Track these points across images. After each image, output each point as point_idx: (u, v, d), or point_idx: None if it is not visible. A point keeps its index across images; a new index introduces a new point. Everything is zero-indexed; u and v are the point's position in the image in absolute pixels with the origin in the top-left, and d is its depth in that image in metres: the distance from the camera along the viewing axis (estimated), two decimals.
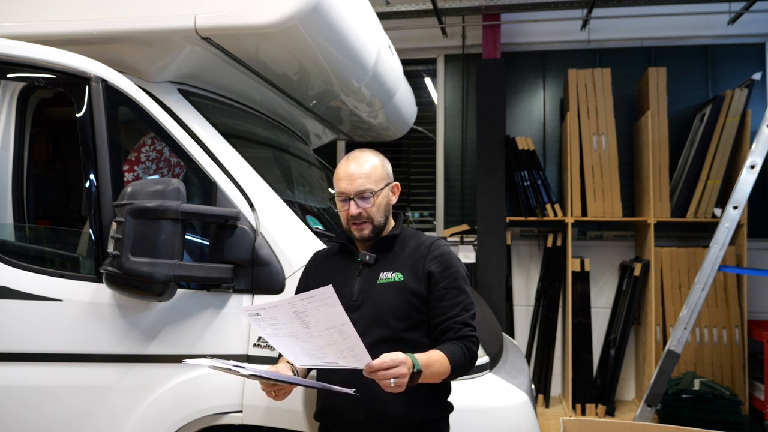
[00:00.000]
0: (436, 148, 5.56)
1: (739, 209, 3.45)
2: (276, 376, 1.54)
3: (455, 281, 1.74)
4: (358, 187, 1.73)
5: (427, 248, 1.78)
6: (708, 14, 4.94)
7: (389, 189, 1.82)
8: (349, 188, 1.74)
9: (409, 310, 1.70)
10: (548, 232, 5.12)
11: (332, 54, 2.37)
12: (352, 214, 1.75)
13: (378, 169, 1.78)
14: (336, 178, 1.80)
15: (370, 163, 1.78)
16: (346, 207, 1.76)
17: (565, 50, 5.35)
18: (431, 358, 1.58)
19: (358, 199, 1.74)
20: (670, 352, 3.51)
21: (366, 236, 1.77)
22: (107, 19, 2.14)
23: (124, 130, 2.30)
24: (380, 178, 1.78)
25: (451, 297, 1.72)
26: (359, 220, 1.75)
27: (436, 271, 1.73)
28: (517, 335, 5.20)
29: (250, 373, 1.48)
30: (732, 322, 4.58)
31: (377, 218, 1.76)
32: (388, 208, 1.82)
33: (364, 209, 1.74)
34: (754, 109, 4.66)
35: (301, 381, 1.60)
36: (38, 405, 1.99)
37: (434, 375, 1.59)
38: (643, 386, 4.71)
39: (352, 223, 1.76)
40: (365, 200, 1.74)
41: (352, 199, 1.74)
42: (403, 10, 5.11)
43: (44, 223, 3.04)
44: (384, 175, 1.80)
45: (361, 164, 1.76)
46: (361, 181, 1.74)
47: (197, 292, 2.04)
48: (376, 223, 1.77)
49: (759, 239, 4.90)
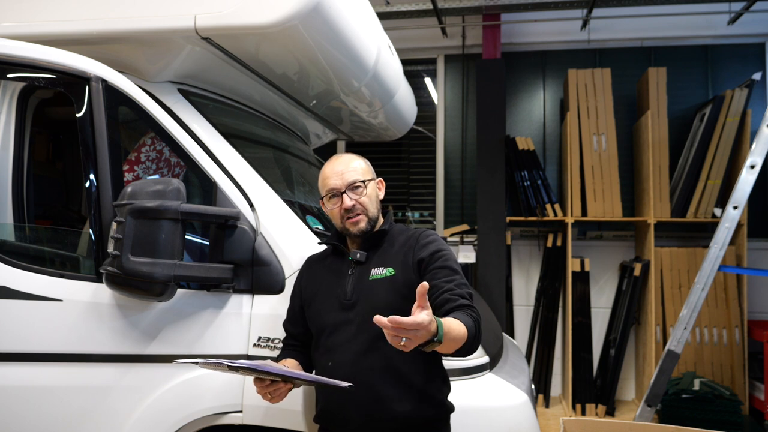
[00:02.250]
0: (436, 148, 5.56)
1: (739, 209, 3.45)
2: (266, 368, 1.51)
3: (446, 262, 1.73)
4: (348, 179, 1.78)
5: (415, 239, 1.80)
6: (708, 14, 4.94)
7: (375, 183, 1.88)
8: (339, 182, 1.78)
9: (403, 304, 1.69)
10: (548, 232, 5.12)
11: (332, 54, 2.37)
12: (346, 207, 1.77)
13: (362, 164, 1.86)
14: (323, 179, 1.83)
15: (354, 160, 1.85)
16: (338, 203, 1.78)
17: (565, 50, 5.35)
18: (451, 327, 1.46)
19: (350, 191, 1.78)
20: (670, 352, 3.51)
21: (363, 229, 1.78)
22: (107, 19, 2.14)
23: (124, 130, 2.30)
24: (366, 171, 1.85)
25: (444, 276, 1.69)
26: (353, 212, 1.77)
27: (426, 256, 1.73)
28: (517, 335, 5.20)
29: (238, 365, 1.45)
30: (732, 322, 4.58)
31: (371, 209, 1.80)
32: (378, 202, 1.86)
33: (357, 201, 1.77)
34: (754, 109, 4.66)
35: (293, 373, 1.56)
36: (38, 405, 1.99)
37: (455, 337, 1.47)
38: (643, 386, 4.72)
39: (347, 218, 1.78)
40: (357, 190, 1.78)
41: (344, 193, 1.77)
42: (403, 10, 5.11)
43: (44, 223, 3.04)
44: (368, 170, 1.87)
45: (346, 162, 1.84)
46: (349, 175, 1.79)
47: (197, 292, 2.04)
48: (370, 214, 1.79)
49: (759, 239, 4.90)
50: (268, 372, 1.52)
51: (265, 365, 1.56)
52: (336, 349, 1.73)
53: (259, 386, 1.64)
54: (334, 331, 1.75)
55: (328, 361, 1.73)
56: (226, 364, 1.46)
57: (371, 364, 1.68)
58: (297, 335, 1.88)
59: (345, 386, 1.46)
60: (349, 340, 1.72)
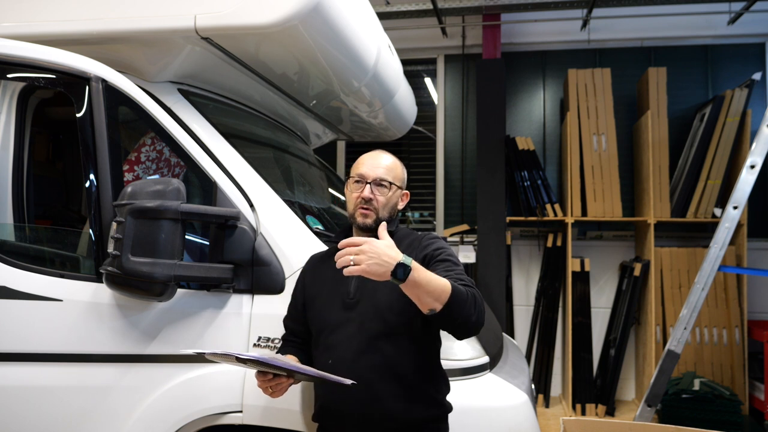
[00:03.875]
0: (436, 148, 5.56)
1: (739, 209, 3.45)
2: (274, 362, 1.52)
3: (448, 257, 1.75)
4: (378, 174, 1.80)
5: (419, 241, 1.83)
6: (708, 14, 4.94)
7: (401, 193, 1.88)
8: (370, 173, 1.81)
9: (405, 305, 1.69)
10: (548, 232, 5.12)
11: (332, 54, 2.37)
12: (364, 197, 1.78)
13: (399, 170, 1.87)
14: (358, 162, 1.85)
15: (395, 162, 1.87)
16: (360, 189, 1.80)
17: (565, 50, 5.35)
18: (428, 275, 1.49)
19: (375, 185, 1.80)
20: (670, 352, 3.51)
21: (368, 224, 1.79)
22: (107, 19, 2.14)
23: (124, 130, 2.30)
24: (398, 178, 1.86)
25: (444, 268, 1.70)
26: (368, 206, 1.78)
27: (428, 252, 1.76)
28: (517, 335, 5.20)
29: (246, 357, 1.47)
30: (732, 322, 4.58)
31: (382, 213, 1.80)
32: (394, 210, 1.86)
33: (376, 198, 1.79)
34: (754, 109, 4.66)
35: (300, 368, 1.57)
36: (38, 405, 1.99)
37: (429, 283, 1.48)
38: (643, 386, 4.72)
39: (360, 207, 1.79)
40: (380, 188, 1.80)
41: (369, 183, 1.79)
42: (403, 10, 5.11)
43: (44, 223, 3.04)
44: (402, 178, 1.89)
45: (386, 160, 1.85)
46: (383, 171, 1.82)
47: (197, 292, 2.04)
48: (381, 215, 1.80)
49: (759, 239, 4.90)
50: (275, 365, 1.53)
51: (274, 359, 1.57)
52: (336, 347, 1.73)
53: (260, 380, 1.64)
54: (335, 329, 1.75)
55: (328, 359, 1.73)
56: (235, 355, 1.47)
57: (370, 363, 1.68)
58: (297, 332, 1.89)
59: (348, 383, 1.47)
60: (350, 338, 1.72)
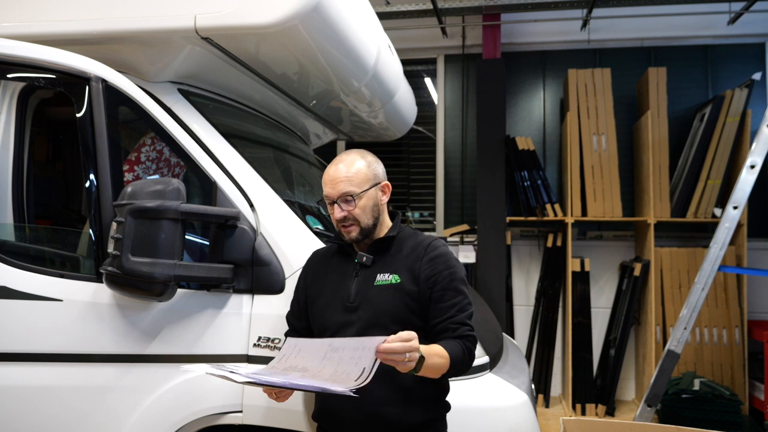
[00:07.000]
0: (436, 148, 5.56)
1: (739, 209, 3.45)
2: (271, 382, 1.50)
3: (452, 282, 1.74)
4: (339, 191, 1.75)
5: (423, 249, 1.78)
6: (708, 14, 4.94)
7: (377, 189, 1.81)
8: (332, 192, 1.76)
9: (406, 313, 1.70)
10: (548, 232, 5.12)
11: (332, 54, 2.37)
12: (336, 218, 1.77)
13: (362, 172, 1.77)
14: (323, 181, 1.82)
15: (354, 167, 1.77)
16: (332, 210, 1.79)
17: (565, 50, 5.35)
18: (432, 349, 1.59)
19: (341, 202, 1.75)
20: (670, 352, 3.51)
21: (354, 238, 1.77)
22: (107, 19, 2.14)
23: (124, 130, 2.30)
24: (364, 180, 1.77)
25: (449, 298, 1.72)
26: (346, 222, 1.77)
27: (433, 274, 1.73)
28: (517, 335, 5.20)
29: (246, 380, 1.46)
30: (732, 322, 4.58)
31: (363, 220, 1.77)
32: (377, 209, 1.80)
33: (348, 212, 1.75)
34: (754, 109, 4.66)
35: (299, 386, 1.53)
36: (38, 405, 1.99)
37: (434, 366, 1.59)
38: (643, 386, 4.72)
39: (341, 225, 1.78)
40: (348, 203, 1.75)
41: (336, 203, 1.76)
42: (403, 10, 5.11)
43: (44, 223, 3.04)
44: (370, 176, 1.79)
45: (344, 168, 1.77)
46: (343, 185, 1.75)
47: (197, 292, 2.04)
48: (363, 225, 1.77)
49: (759, 239, 4.90)
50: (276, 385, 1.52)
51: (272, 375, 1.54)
52: None
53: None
54: (336, 331, 1.75)
55: None
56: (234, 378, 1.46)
57: None
58: (300, 329, 1.88)
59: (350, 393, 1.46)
60: None
